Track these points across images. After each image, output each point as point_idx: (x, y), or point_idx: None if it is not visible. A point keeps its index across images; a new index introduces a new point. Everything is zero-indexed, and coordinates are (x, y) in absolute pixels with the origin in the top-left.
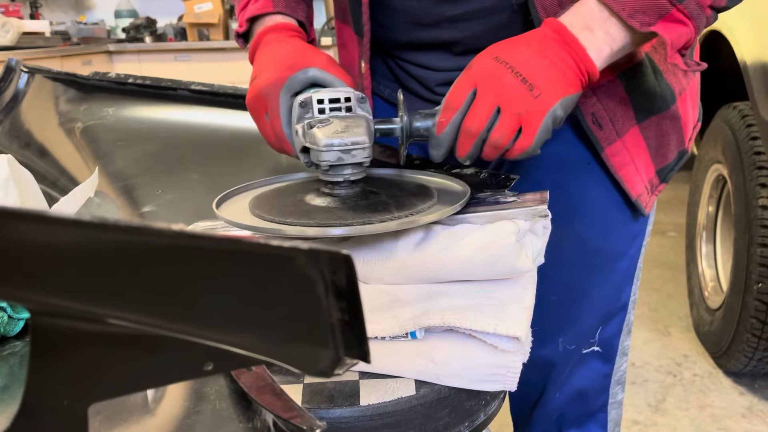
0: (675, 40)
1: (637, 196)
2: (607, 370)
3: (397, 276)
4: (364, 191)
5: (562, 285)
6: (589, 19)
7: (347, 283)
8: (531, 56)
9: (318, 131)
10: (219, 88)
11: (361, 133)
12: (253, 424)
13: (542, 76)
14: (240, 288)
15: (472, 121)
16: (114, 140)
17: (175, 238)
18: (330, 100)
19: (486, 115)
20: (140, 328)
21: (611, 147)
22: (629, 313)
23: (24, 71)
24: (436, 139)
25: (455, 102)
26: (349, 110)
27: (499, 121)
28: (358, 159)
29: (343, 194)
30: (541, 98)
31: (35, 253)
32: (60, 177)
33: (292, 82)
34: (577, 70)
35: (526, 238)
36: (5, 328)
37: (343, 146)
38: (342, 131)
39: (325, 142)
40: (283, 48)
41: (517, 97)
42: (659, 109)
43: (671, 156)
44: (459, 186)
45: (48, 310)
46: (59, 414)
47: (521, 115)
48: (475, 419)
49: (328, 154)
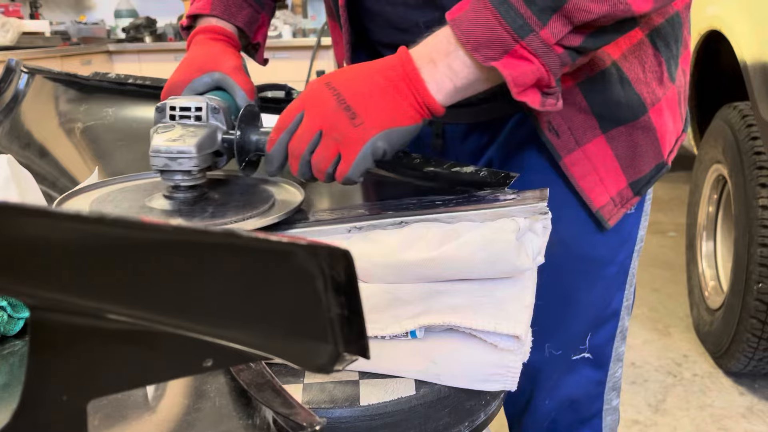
0: (518, 77)
1: (599, 208)
2: (599, 377)
3: (397, 275)
4: (201, 196)
5: (547, 290)
6: (436, 51)
7: (346, 279)
8: (362, 84)
9: (155, 136)
10: None
11: (192, 143)
12: (252, 421)
13: (368, 107)
14: (239, 283)
15: (294, 142)
16: (114, 140)
17: (174, 234)
18: (181, 108)
19: (308, 138)
20: (139, 324)
21: (570, 156)
22: (623, 319)
23: (24, 71)
24: (268, 156)
25: (283, 123)
26: (199, 119)
27: (320, 146)
28: (184, 167)
29: (181, 197)
30: (362, 127)
31: (35, 248)
32: (60, 177)
33: (195, 84)
34: (415, 103)
35: (526, 237)
36: (5, 327)
37: (169, 154)
38: (176, 139)
39: (154, 148)
40: (199, 50)
41: (336, 124)
42: (627, 119)
43: (646, 168)
44: (299, 196)
45: (47, 306)
46: (58, 409)
47: (339, 141)
48: (475, 419)
49: (155, 159)
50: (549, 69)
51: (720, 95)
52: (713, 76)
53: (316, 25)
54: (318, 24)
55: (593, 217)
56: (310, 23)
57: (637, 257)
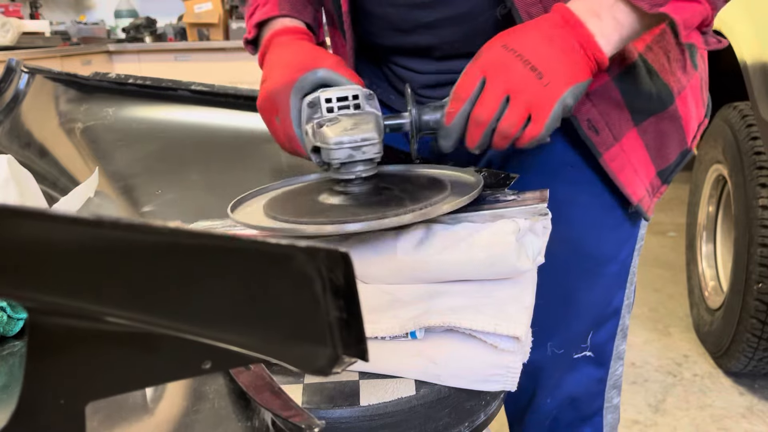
0: (687, 19)
1: (639, 201)
2: (601, 375)
3: (397, 276)
4: (377, 187)
5: (550, 289)
6: (597, 5)
7: (345, 282)
8: (540, 44)
9: (327, 130)
10: (219, 88)
11: (371, 129)
12: (251, 423)
13: (552, 64)
14: (238, 286)
15: (481, 111)
16: (114, 140)
17: (173, 236)
18: (338, 99)
19: (495, 104)
20: (138, 326)
21: (609, 152)
22: (623, 317)
23: (24, 71)
24: (445, 130)
25: (464, 92)
26: (358, 107)
27: (509, 110)
28: (368, 155)
29: (357, 191)
30: (551, 86)
31: (33, 251)
32: (60, 177)
33: (302, 84)
34: (586, 57)
35: (526, 238)
36: (5, 328)
37: (353, 143)
38: (351, 128)
39: (335, 140)
40: (291, 50)
41: (526, 86)
42: (657, 109)
43: (672, 156)
44: (471, 177)
45: (45, 309)
46: (56, 412)
47: (531, 103)
48: (475, 419)
49: (338, 152)
50: (714, 7)
51: (720, 95)
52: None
53: None
54: None
55: (622, 209)
56: None
57: (637, 255)
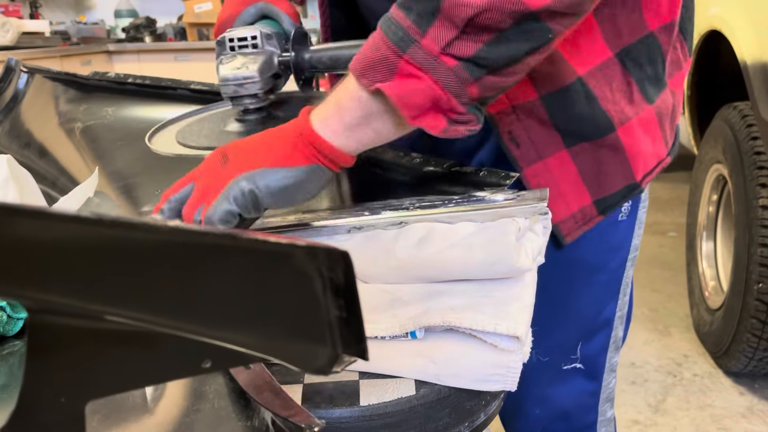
0: (405, 96)
1: (557, 223)
2: (593, 388)
3: (397, 275)
4: (268, 117)
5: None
6: (332, 91)
7: (345, 280)
8: (248, 140)
9: (221, 67)
10: (219, 87)
11: (254, 69)
12: (251, 423)
13: (242, 153)
14: (237, 284)
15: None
16: (114, 140)
17: (172, 235)
18: (238, 39)
19: (179, 187)
20: (137, 325)
21: (531, 168)
22: (616, 329)
23: (24, 71)
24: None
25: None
26: (255, 47)
27: (191, 195)
28: (251, 91)
29: (251, 119)
30: (227, 168)
31: (32, 250)
32: (60, 177)
33: (244, 16)
34: (300, 144)
35: (526, 237)
36: (4, 328)
37: (236, 81)
38: (239, 67)
39: (222, 77)
40: None
41: (207, 171)
42: (592, 135)
43: (612, 188)
44: None
45: (45, 307)
46: (56, 411)
47: (206, 186)
48: (475, 419)
49: (225, 88)
50: (444, 87)
51: (720, 95)
52: (713, 76)
53: (315, 24)
54: (317, 24)
55: None
56: (309, 23)
57: (631, 266)
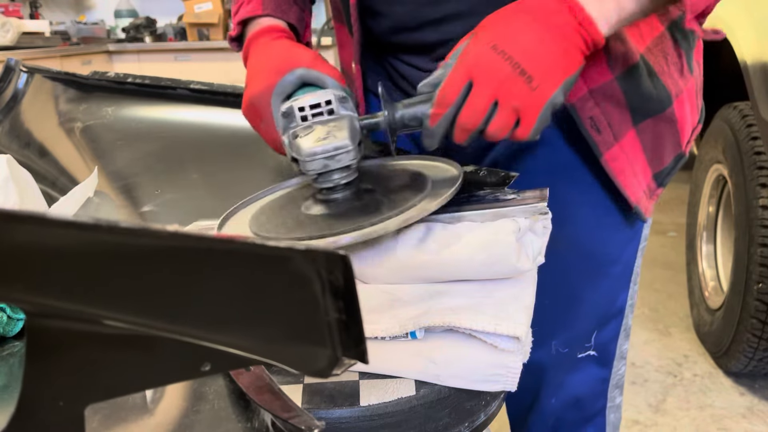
0: (695, 3)
1: (637, 202)
2: (604, 375)
3: (397, 276)
4: (358, 191)
5: (554, 288)
6: None
7: (344, 283)
8: (533, 42)
9: (301, 141)
10: (218, 87)
11: (344, 136)
12: (251, 424)
13: (542, 64)
14: (237, 288)
15: (467, 117)
16: (113, 140)
17: (171, 240)
18: (311, 106)
19: (483, 111)
20: (137, 329)
21: (610, 152)
22: (627, 317)
23: (23, 71)
24: (429, 131)
25: (450, 96)
26: (331, 113)
27: (496, 115)
28: (343, 163)
29: (339, 198)
30: (540, 89)
31: (31, 255)
32: (59, 177)
33: (282, 87)
34: (582, 43)
35: (526, 237)
36: (5, 329)
37: (326, 153)
38: (324, 137)
39: (308, 152)
40: (269, 52)
41: (514, 91)
42: (655, 111)
43: (668, 159)
44: (452, 168)
45: (44, 312)
46: (55, 415)
47: (519, 108)
48: (475, 419)
49: (313, 163)
50: None
51: (720, 95)
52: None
53: (315, 25)
54: (317, 24)
55: (625, 210)
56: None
57: (640, 256)
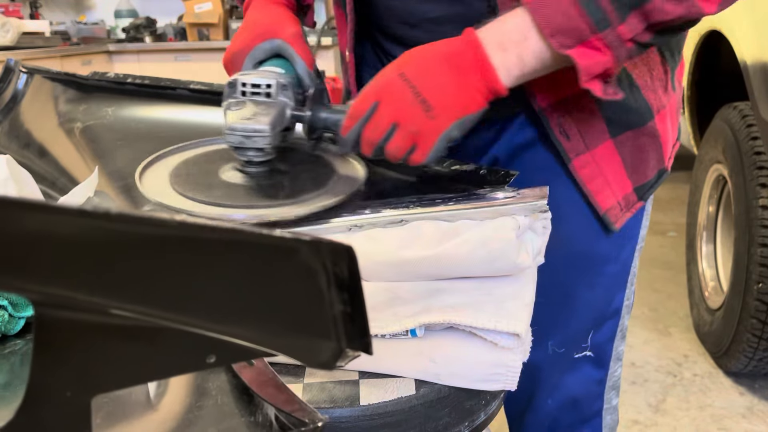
0: (589, 66)
1: (606, 210)
2: (600, 376)
3: (397, 273)
4: (272, 171)
5: (550, 287)
6: (507, 38)
7: (349, 275)
8: (437, 77)
9: (229, 114)
10: (218, 87)
11: (265, 122)
12: (255, 419)
13: (442, 99)
14: (242, 279)
15: (370, 132)
16: (113, 140)
17: (179, 229)
18: (252, 85)
19: (383, 130)
20: (143, 319)
21: (579, 159)
22: (623, 318)
23: (23, 71)
24: (341, 139)
25: (358, 111)
26: (268, 96)
27: (395, 136)
28: (258, 145)
29: (252, 172)
30: (437, 120)
31: (39, 244)
32: (59, 177)
33: (257, 51)
34: (484, 90)
35: (526, 235)
36: (6, 327)
37: (244, 132)
38: (249, 117)
39: (229, 126)
40: (259, 15)
41: (412, 117)
42: (636, 124)
43: (651, 174)
44: (362, 170)
45: (51, 302)
46: (62, 405)
47: (415, 134)
48: (475, 419)
49: (231, 137)
50: (617, 61)
51: (720, 95)
52: (713, 76)
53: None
54: (318, 24)
55: (599, 218)
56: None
57: (637, 256)
